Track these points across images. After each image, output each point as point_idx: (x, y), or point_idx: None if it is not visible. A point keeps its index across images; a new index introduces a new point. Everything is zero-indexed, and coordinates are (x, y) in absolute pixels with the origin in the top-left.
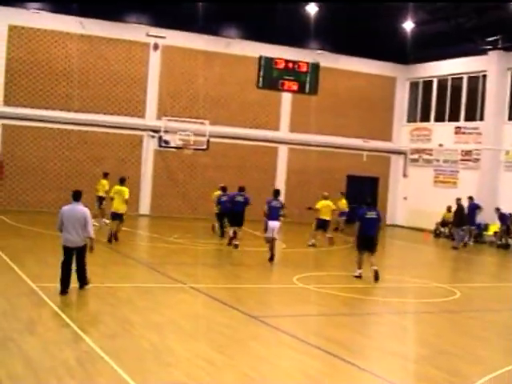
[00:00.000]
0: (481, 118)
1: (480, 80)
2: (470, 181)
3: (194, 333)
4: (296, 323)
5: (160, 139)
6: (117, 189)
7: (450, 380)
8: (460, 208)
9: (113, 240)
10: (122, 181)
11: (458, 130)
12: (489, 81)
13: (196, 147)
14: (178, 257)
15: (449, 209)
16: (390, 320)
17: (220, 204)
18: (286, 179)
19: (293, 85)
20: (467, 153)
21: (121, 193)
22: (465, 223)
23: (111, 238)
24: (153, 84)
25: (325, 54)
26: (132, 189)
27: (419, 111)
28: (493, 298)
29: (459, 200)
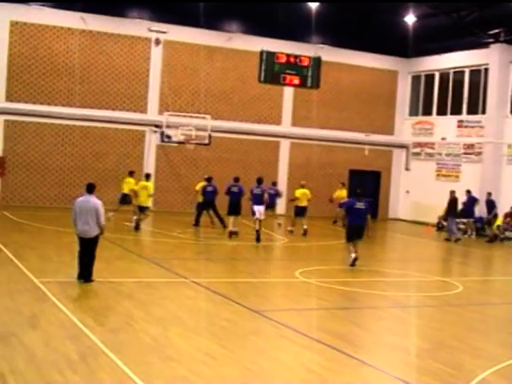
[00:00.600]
0: (483, 112)
1: (482, 73)
2: (473, 174)
3: (196, 327)
4: (298, 317)
5: (162, 134)
6: (142, 184)
7: (453, 373)
8: (452, 199)
9: (139, 228)
10: (148, 176)
11: (461, 124)
12: (491, 74)
13: (198, 142)
14: (181, 251)
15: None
16: (392, 314)
17: (204, 194)
18: (289, 173)
19: (294, 79)
20: (469, 146)
21: (146, 188)
22: (456, 215)
23: (138, 226)
24: (155, 79)
25: (326, 48)
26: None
27: (421, 105)
28: (495, 292)
29: (453, 192)
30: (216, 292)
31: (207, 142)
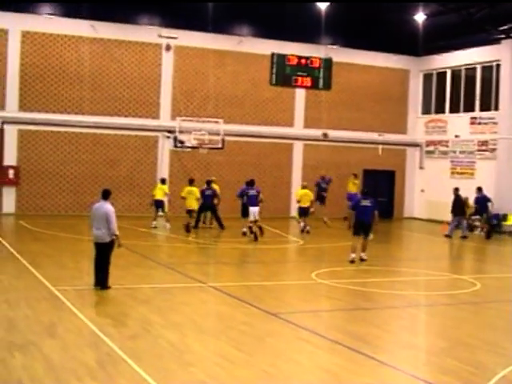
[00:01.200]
0: (496, 108)
1: (494, 69)
2: (488, 171)
3: (213, 331)
4: (314, 319)
5: (175, 139)
6: (188, 189)
7: (473, 372)
8: (457, 198)
9: (190, 230)
10: (191, 182)
11: (474, 121)
12: (503, 70)
13: (211, 146)
14: (197, 256)
15: (466, 200)
16: (410, 313)
17: (203, 198)
18: (303, 175)
19: (306, 81)
20: (483, 143)
21: (192, 192)
22: (463, 213)
23: (189, 229)
24: (166, 85)
25: (337, 49)
26: (148, 190)
27: (433, 103)
28: None
29: (457, 190)
30: (232, 296)
31: (220, 146)
